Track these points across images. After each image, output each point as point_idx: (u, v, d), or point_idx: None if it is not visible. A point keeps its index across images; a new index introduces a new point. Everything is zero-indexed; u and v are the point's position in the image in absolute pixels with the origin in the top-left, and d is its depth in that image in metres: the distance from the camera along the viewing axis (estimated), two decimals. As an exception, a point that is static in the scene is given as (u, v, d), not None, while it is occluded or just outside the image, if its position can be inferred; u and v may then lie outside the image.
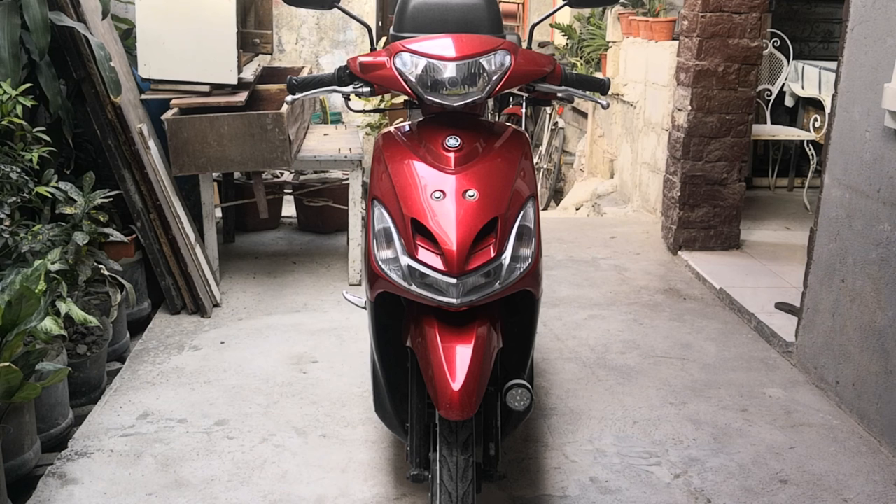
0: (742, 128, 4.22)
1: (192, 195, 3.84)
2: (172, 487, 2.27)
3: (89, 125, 3.21)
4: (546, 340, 3.28)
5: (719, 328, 3.46)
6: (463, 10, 2.66)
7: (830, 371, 2.86)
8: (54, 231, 2.73)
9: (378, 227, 1.81)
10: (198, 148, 3.47)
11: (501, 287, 1.74)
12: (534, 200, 1.86)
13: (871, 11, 2.64)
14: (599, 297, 3.79)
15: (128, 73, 3.54)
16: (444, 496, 1.73)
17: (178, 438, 2.52)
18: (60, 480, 2.30)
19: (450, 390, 1.64)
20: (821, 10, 5.84)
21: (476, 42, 1.89)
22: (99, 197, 2.91)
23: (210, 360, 3.06)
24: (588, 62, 5.98)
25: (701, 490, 2.32)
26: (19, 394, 2.05)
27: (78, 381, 2.72)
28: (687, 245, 4.34)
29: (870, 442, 2.59)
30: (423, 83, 1.86)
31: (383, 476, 2.34)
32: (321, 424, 2.62)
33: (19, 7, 2.84)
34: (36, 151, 2.75)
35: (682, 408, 2.78)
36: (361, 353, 3.10)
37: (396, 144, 1.93)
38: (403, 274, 1.74)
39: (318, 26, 6.71)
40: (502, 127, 2.03)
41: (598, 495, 2.28)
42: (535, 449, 2.51)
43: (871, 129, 2.64)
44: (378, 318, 1.93)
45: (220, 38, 3.54)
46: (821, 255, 2.94)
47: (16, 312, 2.07)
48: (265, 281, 3.90)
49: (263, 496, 2.24)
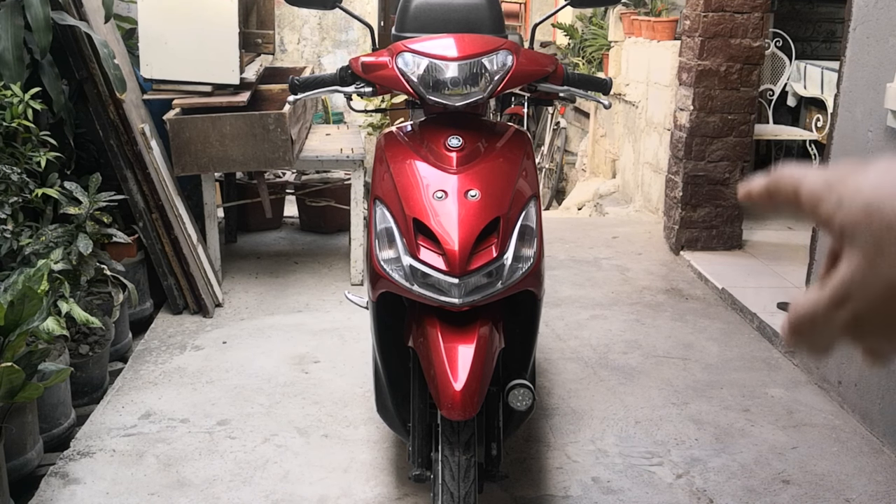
0: (744, 128, 4.22)
1: (195, 195, 3.84)
2: (174, 487, 2.28)
3: (91, 125, 3.21)
4: (548, 340, 3.28)
5: (721, 328, 3.46)
6: (465, 10, 2.66)
7: (833, 371, 2.86)
8: (57, 232, 2.74)
9: (380, 227, 1.81)
10: (200, 148, 3.47)
11: (503, 287, 1.74)
12: (536, 200, 1.86)
13: (874, 11, 2.64)
14: (601, 296, 3.79)
15: (130, 73, 3.54)
16: (445, 496, 1.73)
17: (181, 438, 2.52)
18: (63, 480, 2.30)
19: (452, 390, 1.64)
20: (823, 9, 5.83)
21: (478, 42, 1.89)
22: (104, 199, 2.91)
23: (212, 360, 3.06)
24: (590, 62, 5.98)
25: (703, 490, 2.32)
26: (22, 394, 2.05)
27: (80, 380, 2.72)
28: (689, 245, 4.34)
29: (872, 442, 2.59)
30: (425, 83, 1.86)
31: (385, 476, 2.34)
32: (323, 424, 2.62)
33: (22, 7, 2.84)
34: (44, 155, 2.75)
35: (684, 408, 2.78)
36: (363, 353, 3.11)
37: (398, 144, 1.93)
38: (405, 274, 1.74)
39: (319, 26, 6.71)
40: (504, 127, 2.03)
41: (600, 495, 2.28)
42: (537, 449, 2.51)
43: (873, 129, 2.63)
44: (380, 318, 1.93)
45: (222, 38, 3.54)
46: (823, 255, 2.93)
47: (18, 312, 2.08)
48: (267, 281, 3.90)
49: (265, 496, 2.25)
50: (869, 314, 0.33)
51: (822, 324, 0.34)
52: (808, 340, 0.35)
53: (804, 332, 0.35)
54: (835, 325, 0.33)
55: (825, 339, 0.34)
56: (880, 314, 0.32)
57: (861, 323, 0.33)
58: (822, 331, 0.34)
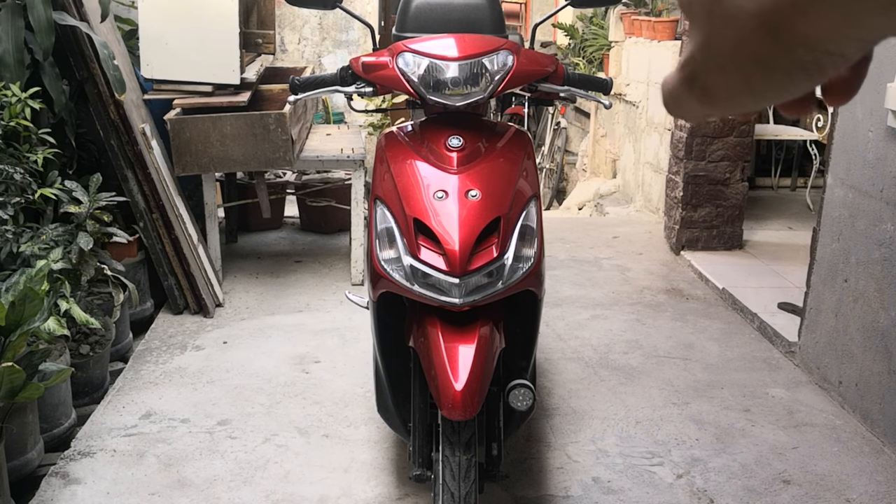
0: (745, 127, 4.22)
1: (195, 195, 3.84)
2: (175, 487, 2.28)
3: (92, 125, 3.21)
4: (548, 340, 3.28)
5: (722, 328, 3.46)
6: (465, 10, 2.66)
7: (833, 371, 2.86)
8: (58, 231, 2.74)
9: (380, 227, 1.81)
10: (200, 148, 3.47)
11: (504, 287, 1.74)
12: (536, 200, 1.86)
13: (874, 11, 2.63)
14: (602, 296, 3.79)
15: (130, 73, 3.54)
16: (446, 496, 1.73)
17: (181, 438, 2.52)
18: (63, 480, 2.30)
19: (452, 390, 1.64)
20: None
21: (478, 42, 1.89)
22: (104, 199, 2.91)
23: (212, 360, 3.06)
24: (590, 62, 5.98)
25: (704, 490, 2.32)
26: (22, 394, 2.05)
27: (81, 381, 2.72)
28: (689, 245, 4.34)
29: (873, 442, 2.58)
30: (426, 83, 1.86)
31: (386, 476, 2.34)
32: (324, 424, 2.62)
33: (23, 8, 2.84)
34: (41, 153, 2.75)
35: (684, 408, 2.78)
36: (364, 353, 3.11)
37: (399, 144, 1.93)
38: (406, 274, 1.74)
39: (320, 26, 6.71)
40: (505, 127, 2.03)
41: (600, 495, 2.28)
42: (537, 449, 2.51)
43: (873, 129, 2.63)
44: (380, 318, 1.93)
45: (222, 38, 3.54)
46: (823, 255, 2.94)
47: (19, 313, 2.08)
48: (268, 281, 3.90)
49: (266, 496, 2.25)
50: (714, 86, 0.35)
51: (683, 98, 0.38)
52: (678, 112, 0.39)
53: (671, 106, 0.40)
54: (692, 97, 0.37)
55: (691, 110, 0.38)
56: (723, 86, 0.35)
57: (710, 94, 0.36)
58: (685, 103, 0.38)
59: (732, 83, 0.35)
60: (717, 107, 0.36)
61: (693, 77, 0.36)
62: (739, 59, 0.33)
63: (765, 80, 0.33)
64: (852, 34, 0.31)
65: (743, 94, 0.35)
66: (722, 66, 0.34)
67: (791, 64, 0.32)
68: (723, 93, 0.35)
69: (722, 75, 0.35)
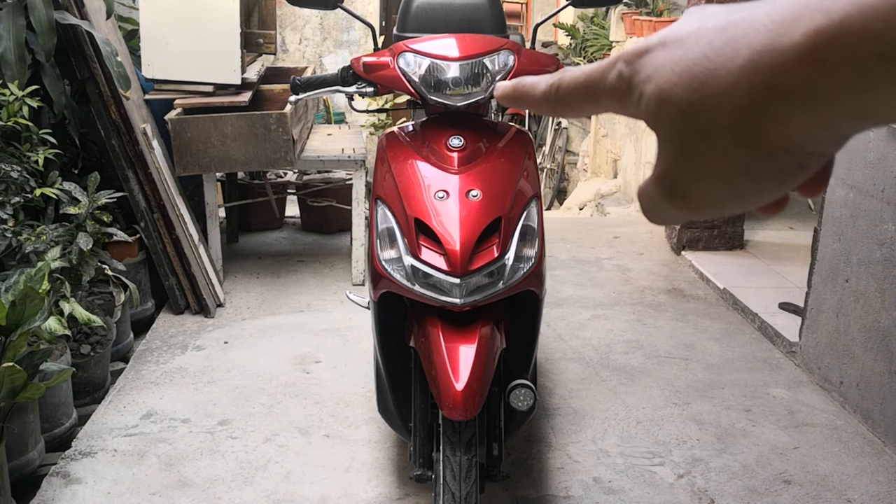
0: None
1: (196, 195, 3.84)
2: (176, 487, 2.28)
3: (93, 125, 3.21)
4: (549, 340, 3.28)
5: (723, 328, 3.46)
6: (466, 10, 2.66)
7: (834, 371, 2.86)
8: (58, 231, 2.74)
9: (381, 227, 1.81)
10: (201, 148, 3.47)
11: (505, 287, 1.74)
12: (537, 200, 1.86)
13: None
14: (603, 297, 3.79)
15: (132, 73, 3.54)
16: (447, 496, 1.73)
17: (182, 438, 2.52)
18: (64, 480, 2.30)
19: (453, 390, 1.64)
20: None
21: (479, 42, 1.89)
22: (103, 197, 2.92)
23: (213, 360, 3.06)
24: (591, 62, 5.98)
25: (704, 490, 2.31)
26: (23, 394, 2.05)
27: (82, 380, 2.73)
28: (690, 245, 4.34)
29: (874, 442, 2.58)
30: (427, 83, 1.86)
31: (386, 476, 2.34)
32: (324, 424, 2.62)
33: (24, 8, 2.85)
34: (42, 153, 2.75)
35: (685, 408, 2.78)
36: (365, 354, 3.11)
37: (400, 144, 1.93)
38: (407, 274, 1.74)
39: (321, 26, 6.71)
40: (505, 127, 2.03)
41: (601, 495, 2.28)
42: (538, 449, 2.50)
43: (874, 129, 2.63)
44: (381, 319, 1.93)
45: (223, 38, 3.54)
46: (824, 255, 2.94)
47: (20, 312, 2.08)
48: (268, 281, 3.90)
49: (267, 496, 2.25)
50: (696, 195, 0.36)
51: (663, 208, 0.38)
52: (659, 220, 0.39)
53: (651, 215, 0.40)
54: (673, 207, 0.37)
55: (673, 217, 0.38)
56: (706, 194, 0.35)
57: (693, 203, 0.36)
58: (666, 212, 0.38)
59: (716, 191, 0.35)
60: (701, 213, 0.37)
61: (672, 188, 0.36)
62: (722, 169, 0.34)
63: (749, 186, 0.34)
64: (830, 135, 0.32)
65: (727, 200, 0.35)
66: (703, 177, 0.34)
67: (775, 168, 0.33)
68: (706, 200, 0.35)
69: (704, 184, 0.35)
